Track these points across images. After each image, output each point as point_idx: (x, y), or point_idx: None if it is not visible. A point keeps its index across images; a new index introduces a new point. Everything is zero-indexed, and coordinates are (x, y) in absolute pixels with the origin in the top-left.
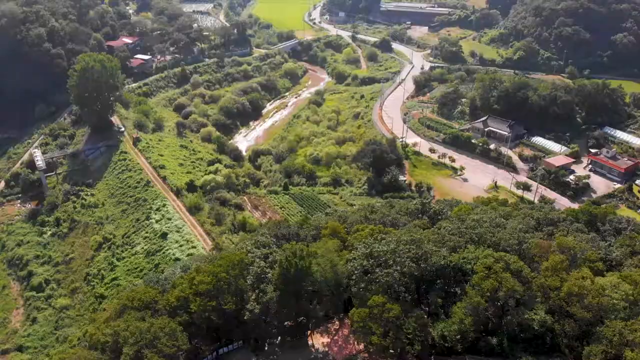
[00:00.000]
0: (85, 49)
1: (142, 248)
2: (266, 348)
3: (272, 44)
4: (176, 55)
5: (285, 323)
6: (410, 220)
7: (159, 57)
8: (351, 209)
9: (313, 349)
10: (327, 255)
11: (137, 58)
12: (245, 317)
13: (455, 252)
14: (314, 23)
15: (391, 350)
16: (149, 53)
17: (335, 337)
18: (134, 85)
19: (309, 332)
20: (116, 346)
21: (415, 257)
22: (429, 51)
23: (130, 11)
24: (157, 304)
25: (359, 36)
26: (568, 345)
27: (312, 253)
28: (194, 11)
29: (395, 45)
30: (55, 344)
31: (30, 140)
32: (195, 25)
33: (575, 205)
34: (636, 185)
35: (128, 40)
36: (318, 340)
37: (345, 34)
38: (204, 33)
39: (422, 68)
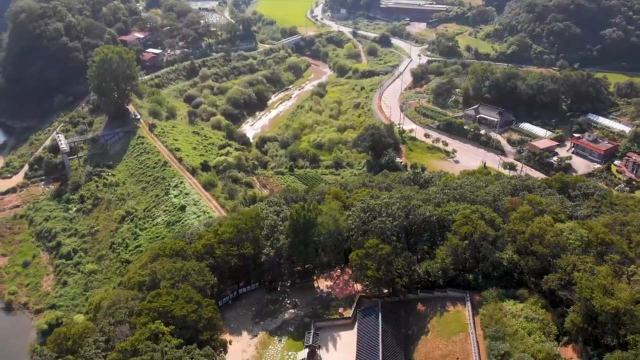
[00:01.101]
0: (100, 42)
1: (163, 220)
2: (278, 289)
3: (276, 40)
4: (185, 49)
5: (295, 268)
6: (403, 187)
7: (169, 51)
8: (351, 179)
9: (318, 290)
10: (330, 213)
11: (148, 52)
12: (262, 260)
13: (439, 207)
14: (316, 20)
15: (384, 290)
16: (159, 47)
17: (337, 281)
18: (146, 77)
19: (314, 276)
20: (153, 283)
21: (405, 210)
22: (426, 46)
23: (140, 8)
24: (186, 252)
25: (360, 32)
26: (534, 282)
27: (318, 209)
28: (199, 8)
29: (395, 41)
30: (85, 303)
31: (50, 128)
32: (202, 21)
33: None
34: (614, 165)
35: (140, 35)
36: (322, 284)
37: (347, 30)
38: (211, 29)
39: (419, 57)
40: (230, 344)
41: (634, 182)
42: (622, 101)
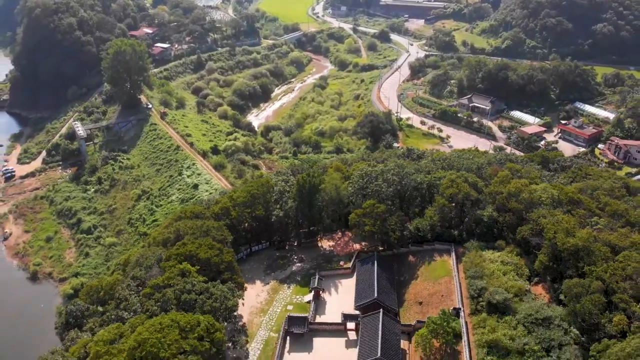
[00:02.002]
0: (111, 37)
1: (177, 197)
2: (286, 247)
3: (279, 36)
4: (192, 44)
5: (301, 230)
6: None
7: (176, 45)
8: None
9: (322, 249)
10: (332, 182)
11: (157, 46)
12: (272, 220)
13: (429, 174)
14: (317, 17)
15: (380, 248)
16: (167, 42)
17: (339, 242)
18: (155, 70)
19: (318, 237)
20: (177, 239)
21: (399, 176)
22: (424, 41)
23: (147, 4)
24: (205, 215)
25: (360, 28)
26: (511, 237)
27: (321, 177)
28: (204, 6)
29: (394, 37)
30: (107, 271)
31: (65, 117)
32: (208, 17)
33: None
34: (598, 149)
35: (148, 30)
36: (325, 244)
37: (347, 27)
38: (217, 25)
39: (417, 52)
40: (245, 290)
41: (615, 164)
42: (609, 91)
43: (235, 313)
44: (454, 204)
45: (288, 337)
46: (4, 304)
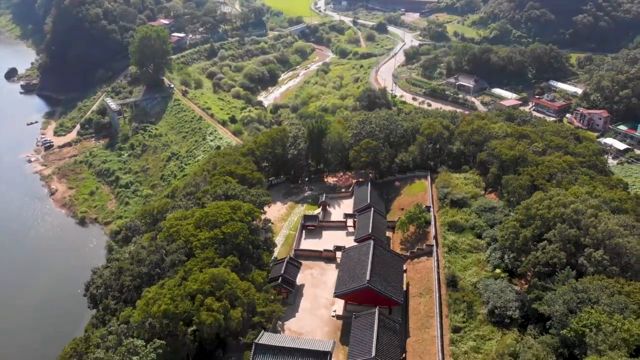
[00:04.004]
0: (133, 26)
1: (203, 157)
2: (299, 181)
3: (284, 28)
4: (204, 34)
5: (311, 168)
6: None
7: (191, 35)
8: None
9: (327, 182)
10: (336, 131)
11: (174, 35)
12: (288, 157)
13: (412, 121)
14: (320, 11)
15: (372, 178)
16: (182, 32)
17: (341, 178)
18: (173, 57)
19: (325, 174)
20: (213, 169)
21: (389, 121)
22: (418, 32)
23: None
24: (234, 154)
25: (359, 21)
26: (474, 164)
27: (328, 123)
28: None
29: (391, 28)
30: None
31: (95, 97)
32: (219, 10)
33: None
34: (565, 118)
35: (165, 21)
36: (330, 179)
37: (347, 20)
38: (227, 17)
39: (412, 42)
40: (269, 206)
41: (580, 130)
42: (582, 71)
43: (265, 209)
44: (431, 142)
45: (303, 231)
46: (60, 243)
